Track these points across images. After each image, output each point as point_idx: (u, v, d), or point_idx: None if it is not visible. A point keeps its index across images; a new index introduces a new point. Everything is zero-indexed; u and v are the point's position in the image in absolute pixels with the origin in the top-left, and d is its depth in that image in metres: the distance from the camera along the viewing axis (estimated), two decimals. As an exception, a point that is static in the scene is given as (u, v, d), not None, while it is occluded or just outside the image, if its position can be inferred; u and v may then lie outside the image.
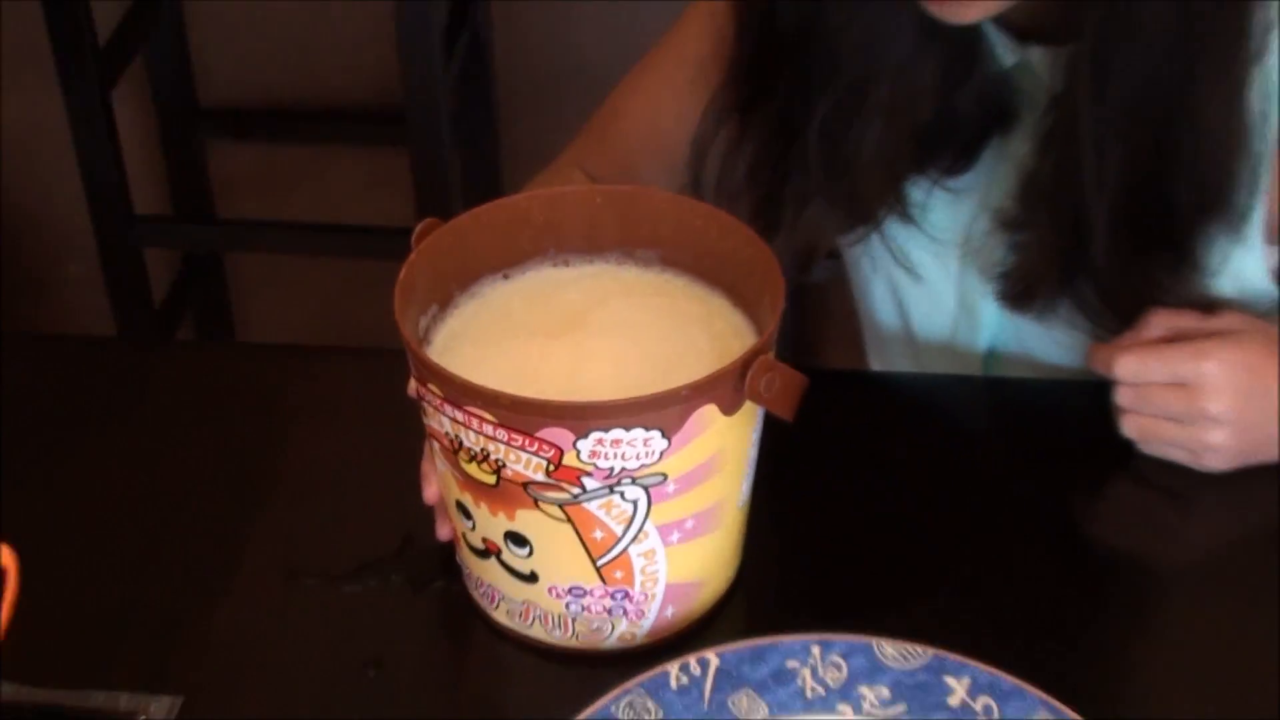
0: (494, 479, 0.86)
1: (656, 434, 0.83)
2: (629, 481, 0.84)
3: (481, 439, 0.84)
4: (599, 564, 0.88)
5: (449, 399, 0.85)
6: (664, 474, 0.85)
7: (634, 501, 0.85)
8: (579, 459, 0.83)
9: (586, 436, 0.82)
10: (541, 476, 0.84)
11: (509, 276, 0.98)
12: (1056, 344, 1.15)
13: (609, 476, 0.84)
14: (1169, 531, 1.03)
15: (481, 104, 2.28)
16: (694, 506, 0.87)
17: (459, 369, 0.85)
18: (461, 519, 0.91)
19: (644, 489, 0.85)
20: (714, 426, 0.85)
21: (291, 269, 2.44)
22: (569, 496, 0.85)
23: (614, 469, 0.83)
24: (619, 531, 0.86)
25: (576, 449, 0.82)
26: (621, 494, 0.85)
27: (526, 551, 0.88)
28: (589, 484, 0.84)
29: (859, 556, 0.99)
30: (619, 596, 0.89)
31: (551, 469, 0.84)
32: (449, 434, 0.86)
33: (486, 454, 0.85)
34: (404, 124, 2.02)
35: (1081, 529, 1.03)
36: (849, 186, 1.11)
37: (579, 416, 0.82)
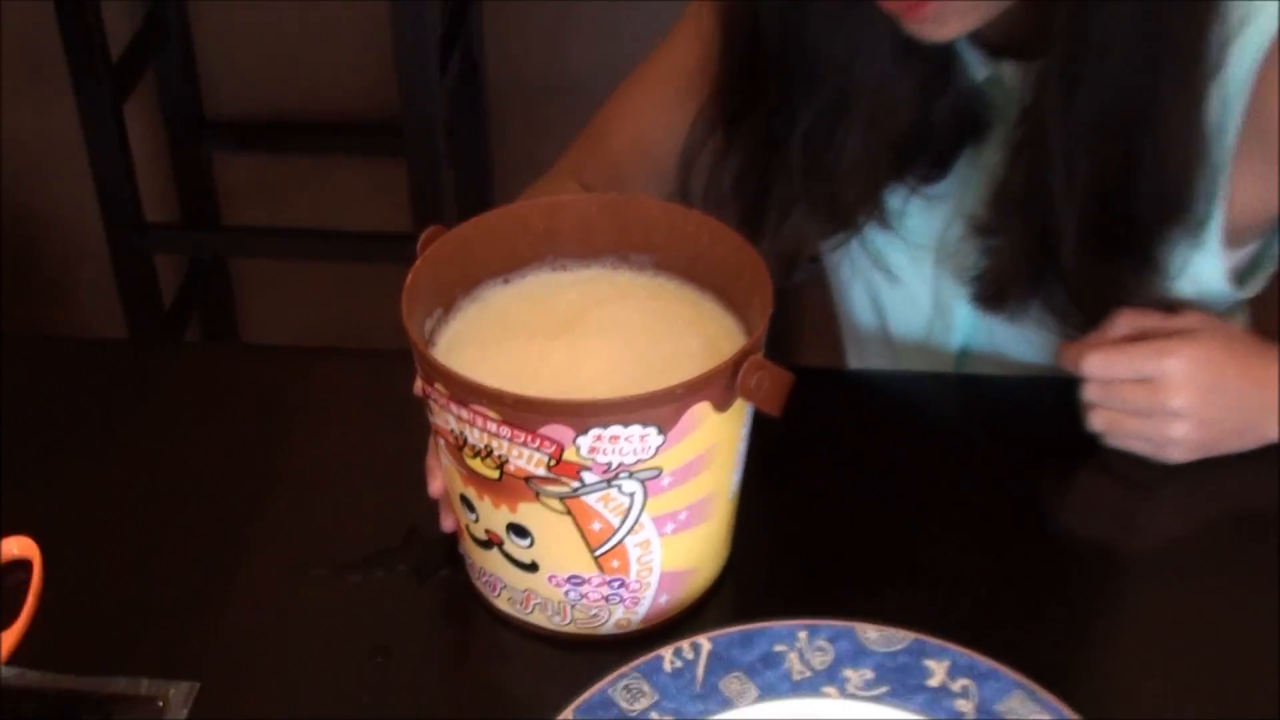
0: (497, 473, 0.85)
1: (653, 430, 0.82)
2: (626, 475, 0.84)
3: (485, 435, 0.84)
4: (597, 554, 0.87)
5: (454, 398, 0.84)
6: (659, 468, 0.84)
7: (631, 494, 0.85)
8: (579, 454, 0.83)
9: (586, 433, 0.82)
10: (543, 471, 0.84)
11: (509, 281, 0.97)
12: (1027, 343, 1.15)
13: (607, 471, 0.83)
14: (1133, 519, 1.03)
15: (474, 116, 2.28)
16: (687, 499, 0.87)
17: (463, 369, 0.85)
18: (465, 511, 0.91)
19: (640, 483, 0.85)
20: (707, 423, 0.85)
21: (293, 273, 2.43)
22: (569, 490, 0.84)
23: (612, 464, 0.83)
24: (616, 523, 0.86)
25: (576, 445, 0.82)
26: (619, 487, 0.84)
27: (528, 542, 0.88)
28: (588, 478, 0.84)
29: (843, 545, 0.99)
30: (616, 585, 0.89)
31: (552, 464, 0.83)
32: (454, 431, 0.86)
33: (490, 450, 0.85)
34: (401, 135, 2.02)
35: (1051, 518, 1.03)
36: (830, 194, 1.11)
37: (579, 414, 0.82)
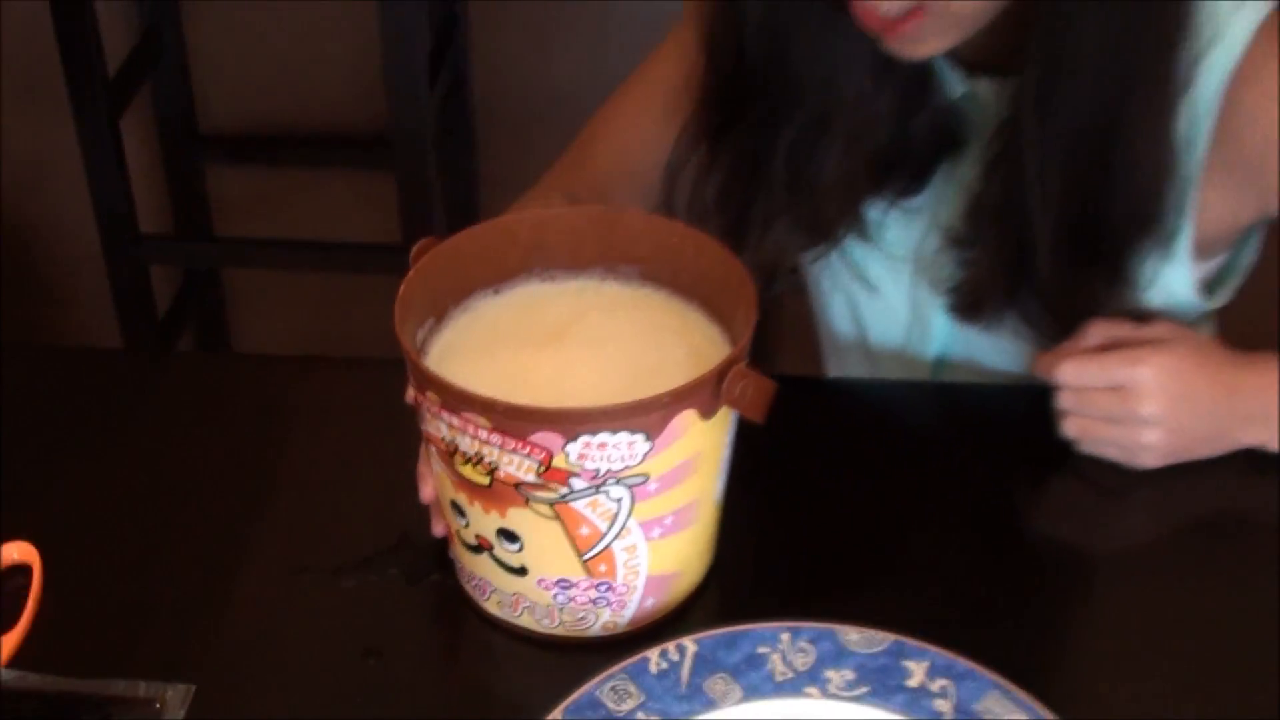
0: (488, 480, 0.85)
1: (640, 437, 0.82)
2: (614, 481, 0.84)
3: (476, 443, 0.84)
4: (585, 558, 0.87)
5: (446, 406, 0.84)
6: (646, 474, 0.84)
7: (618, 500, 0.85)
8: (568, 461, 0.82)
9: (575, 440, 0.82)
10: (532, 477, 0.84)
11: (499, 292, 0.97)
12: (1002, 352, 1.15)
13: (595, 477, 0.83)
14: (1105, 523, 1.03)
15: (462, 130, 2.28)
16: (673, 504, 0.87)
17: (454, 378, 0.84)
18: (456, 517, 0.91)
19: (628, 488, 0.84)
20: (693, 430, 0.85)
21: (285, 283, 2.43)
22: (558, 496, 0.84)
23: (600, 470, 0.83)
24: (604, 528, 0.86)
25: (565, 452, 0.82)
26: (607, 493, 0.84)
27: (517, 547, 0.88)
28: (576, 484, 0.84)
29: (824, 549, 0.99)
30: (603, 588, 0.89)
31: (542, 470, 0.83)
32: (445, 438, 0.86)
33: (481, 457, 0.84)
34: (390, 148, 2.01)
35: (1026, 522, 1.03)
36: (811, 207, 1.11)
37: (568, 422, 0.82)
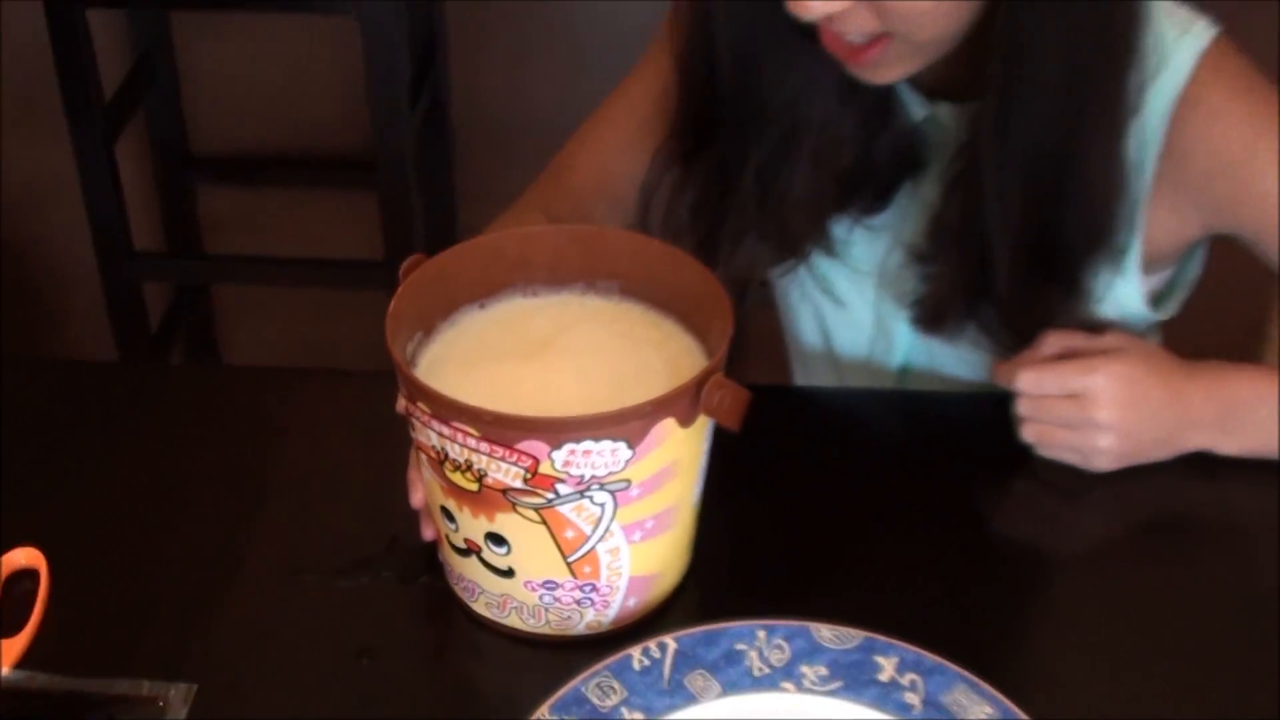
0: (476, 486, 0.85)
1: (622, 445, 0.82)
2: (597, 487, 0.84)
3: (465, 450, 0.84)
4: (570, 560, 0.87)
5: (436, 415, 0.84)
6: (628, 480, 0.84)
7: (602, 505, 0.85)
8: (553, 468, 0.82)
9: (560, 448, 0.82)
10: (519, 483, 0.83)
11: (485, 306, 0.97)
12: (963, 361, 1.15)
13: (580, 483, 0.83)
14: (1063, 523, 1.04)
15: (441, 151, 2.28)
16: (654, 508, 0.87)
17: (444, 389, 0.84)
18: (445, 521, 0.90)
19: (611, 493, 0.84)
20: (672, 437, 0.84)
21: (271, 298, 2.42)
22: (544, 501, 0.84)
23: (584, 476, 0.83)
24: (588, 531, 0.86)
25: (551, 459, 0.82)
26: (591, 498, 0.84)
27: (505, 550, 0.88)
28: (562, 489, 0.83)
29: (797, 550, 0.99)
30: (587, 589, 0.89)
31: (528, 477, 0.83)
32: (435, 446, 0.86)
33: (470, 464, 0.84)
34: (373, 169, 2.01)
35: (988, 522, 1.03)
36: (780, 224, 1.11)
37: (554, 430, 0.81)
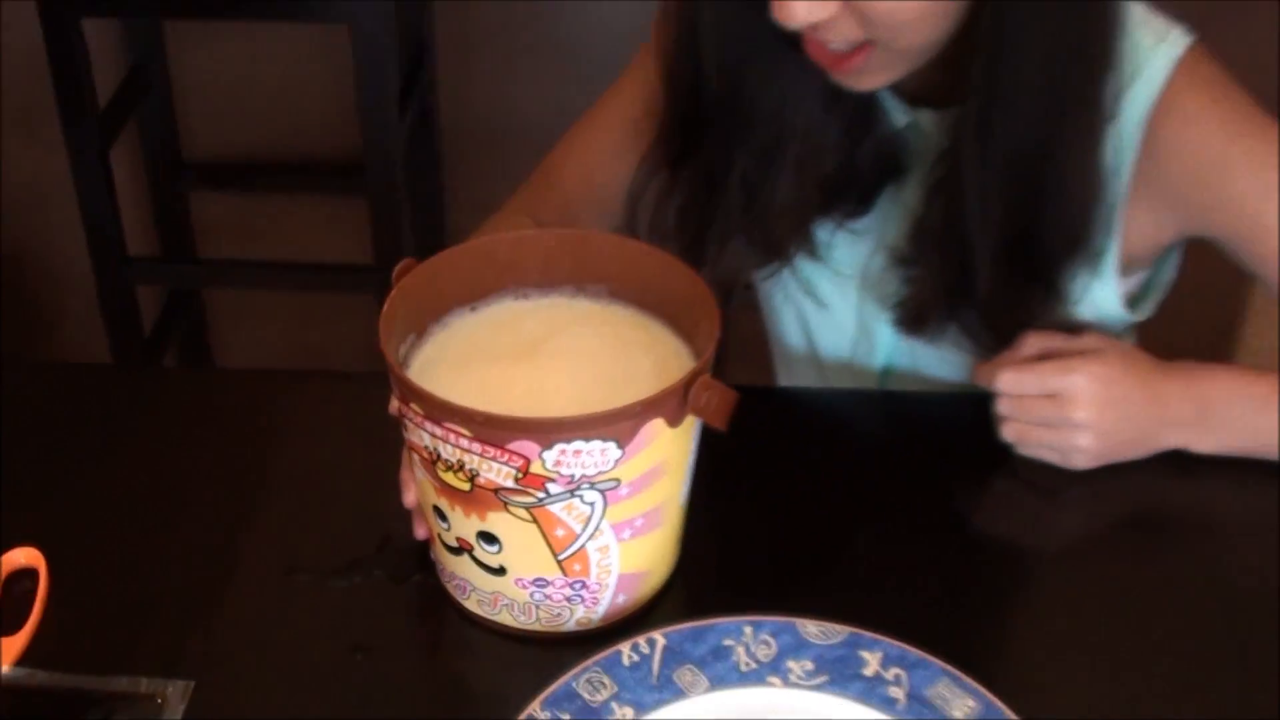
0: (468, 485, 0.85)
1: (612, 444, 0.82)
2: (587, 486, 0.84)
3: (458, 451, 0.84)
4: (560, 558, 0.87)
5: (429, 416, 0.84)
6: (618, 479, 0.84)
7: (592, 504, 0.85)
8: (544, 467, 0.82)
9: (551, 447, 0.82)
10: (511, 483, 0.83)
11: (476, 309, 0.97)
12: (944, 362, 1.16)
13: (570, 482, 0.83)
14: (1042, 520, 1.04)
15: (430, 157, 2.27)
16: (643, 507, 0.87)
17: (436, 390, 0.84)
18: (437, 520, 0.90)
19: (600, 492, 0.84)
20: (661, 437, 0.85)
21: (263, 302, 2.41)
22: (535, 500, 0.84)
23: (575, 475, 0.83)
24: (578, 530, 0.86)
25: (542, 459, 0.82)
26: (581, 497, 0.84)
27: (496, 548, 0.88)
28: (553, 489, 0.83)
29: (782, 547, 0.99)
30: (578, 586, 0.89)
31: (520, 476, 0.83)
32: (428, 447, 0.86)
33: (462, 464, 0.84)
34: (362, 175, 2.01)
35: (969, 521, 1.04)
36: (764, 228, 1.11)
37: (544, 430, 0.81)
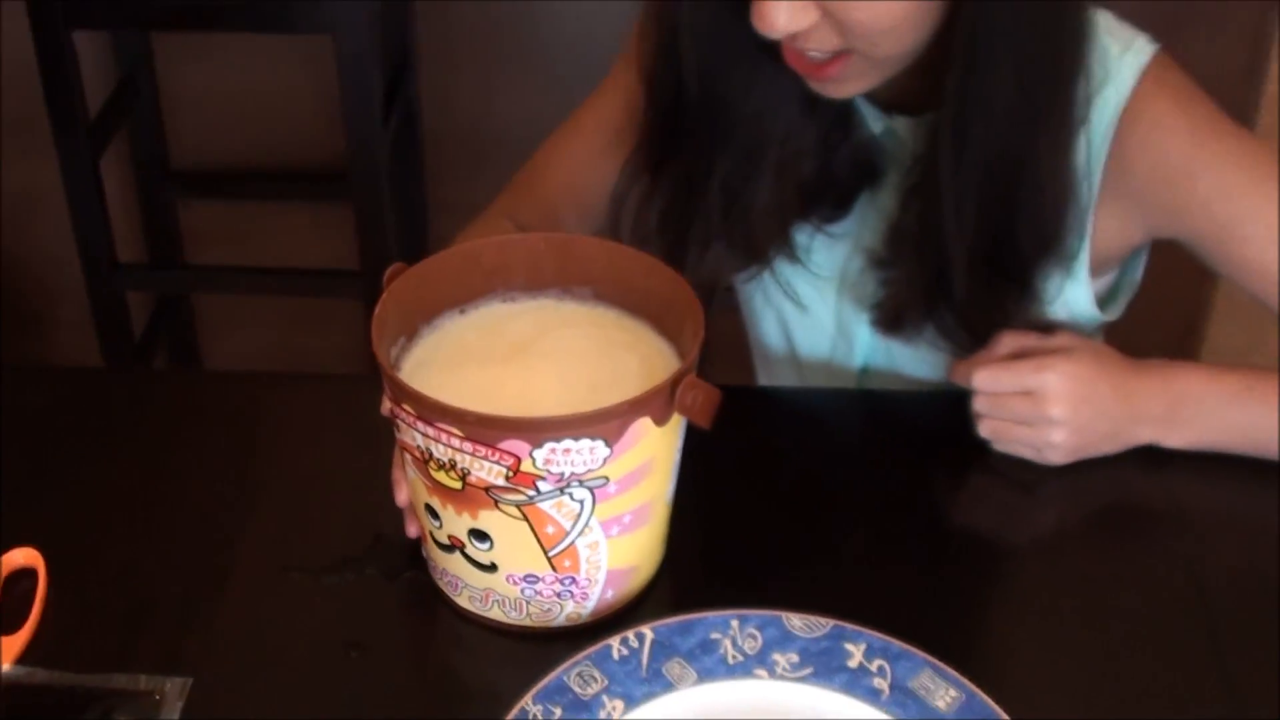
0: (460, 484, 0.84)
1: (600, 443, 0.82)
2: (577, 484, 0.83)
3: (449, 450, 0.83)
4: (550, 555, 0.87)
5: (421, 416, 0.83)
6: (606, 477, 0.84)
7: (581, 501, 0.84)
8: (535, 466, 0.82)
9: (541, 446, 0.81)
10: (501, 481, 0.83)
11: (465, 311, 0.97)
12: (921, 361, 1.16)
13: (560, 480, 0.83)
14: (1019, 514, 1.04)
15: (413, 163, 2.27)
16: (631, 504, 0.87)
17: (427, 391, 0.84)
18: (429, 519, 0.90)
19: (589, 490, 0.84)
20: (648, 436, 0.84)
21: (250, 307, 2.40)
22: (525, 498, 0.84)
23: (564, 473, 0.83)
24: (568, 527, 0.85)
25: (533, 457, 0.82)
26: (570, 495, 0.84)
27: (487, 546, 0.87)
28: (543, 487, 0.83)
29: (767, 543, 0.99)
30: (567, 582, 0.88)
31: (510, 475, 0.82)
32: (420, 446, 0.85)
33: (454, 463, 0.84)
34: (347, 182, 2.00)
35: (947, 515, 1.04)
36: (744, 232, 1.11)
37: (535, 430, 0.81)
